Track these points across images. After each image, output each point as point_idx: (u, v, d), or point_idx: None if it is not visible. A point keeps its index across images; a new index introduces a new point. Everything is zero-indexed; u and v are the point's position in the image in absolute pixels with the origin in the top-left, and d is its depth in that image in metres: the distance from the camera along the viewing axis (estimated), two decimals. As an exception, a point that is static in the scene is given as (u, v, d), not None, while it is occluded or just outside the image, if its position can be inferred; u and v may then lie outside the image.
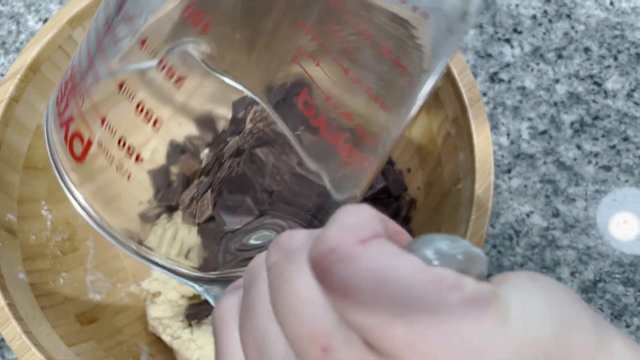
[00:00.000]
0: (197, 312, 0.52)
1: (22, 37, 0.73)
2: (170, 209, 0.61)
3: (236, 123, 0.63)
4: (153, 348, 0.52)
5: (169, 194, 0.60)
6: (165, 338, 0.52)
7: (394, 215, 0.55)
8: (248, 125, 0.59)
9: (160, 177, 0.61)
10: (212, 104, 0.61)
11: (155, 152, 0.62)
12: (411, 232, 0.55)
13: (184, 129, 0.63)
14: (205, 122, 0.64)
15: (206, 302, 0.54)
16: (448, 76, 0.48)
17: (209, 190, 0.52)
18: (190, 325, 0.53)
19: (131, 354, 0.50)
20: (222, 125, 0.64)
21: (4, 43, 0.73)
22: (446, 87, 0.49)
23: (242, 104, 0.63)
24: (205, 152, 0.62)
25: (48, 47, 0.50)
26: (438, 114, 0.52)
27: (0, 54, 0.73)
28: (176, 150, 0.62)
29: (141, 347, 0.51)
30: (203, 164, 0.60)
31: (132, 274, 0.57)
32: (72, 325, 0.49)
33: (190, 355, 0.50)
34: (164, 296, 0.54)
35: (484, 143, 0.45)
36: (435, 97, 0.52)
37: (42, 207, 0.52)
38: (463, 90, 0.47)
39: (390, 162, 0.58)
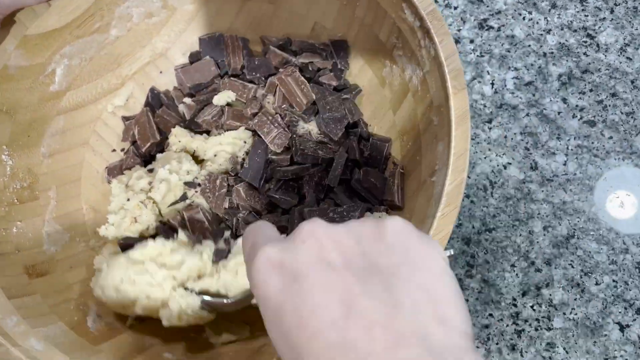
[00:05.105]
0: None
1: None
2: (146, 163, 0.59)
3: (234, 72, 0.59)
4: (102, 308, 0.50)
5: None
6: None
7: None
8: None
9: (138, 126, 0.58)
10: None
11: (131, 98, 0.59)
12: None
13: (165, 77, 0.60)
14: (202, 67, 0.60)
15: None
16: (435, 59, 0.45)
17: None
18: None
19: (78, 312, 0.49)
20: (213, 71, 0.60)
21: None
22: (433, 71, 0.46)
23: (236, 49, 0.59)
24: (186, 101, 0.58)
25: (18, -15, 0.47)
26: (424, 99, 0.48)
27: None
28: (155, 99, 0.59)
29: (90, 306, 0.50)
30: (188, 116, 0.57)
31: (93, 229, 0.55)
32: (19, 277, 0.47)
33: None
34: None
35: (462, 137, 0.42)
36: (422, 81, 0.48)
37: (2, 152, 0.50)
38: (448, 77, 0.43)
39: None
